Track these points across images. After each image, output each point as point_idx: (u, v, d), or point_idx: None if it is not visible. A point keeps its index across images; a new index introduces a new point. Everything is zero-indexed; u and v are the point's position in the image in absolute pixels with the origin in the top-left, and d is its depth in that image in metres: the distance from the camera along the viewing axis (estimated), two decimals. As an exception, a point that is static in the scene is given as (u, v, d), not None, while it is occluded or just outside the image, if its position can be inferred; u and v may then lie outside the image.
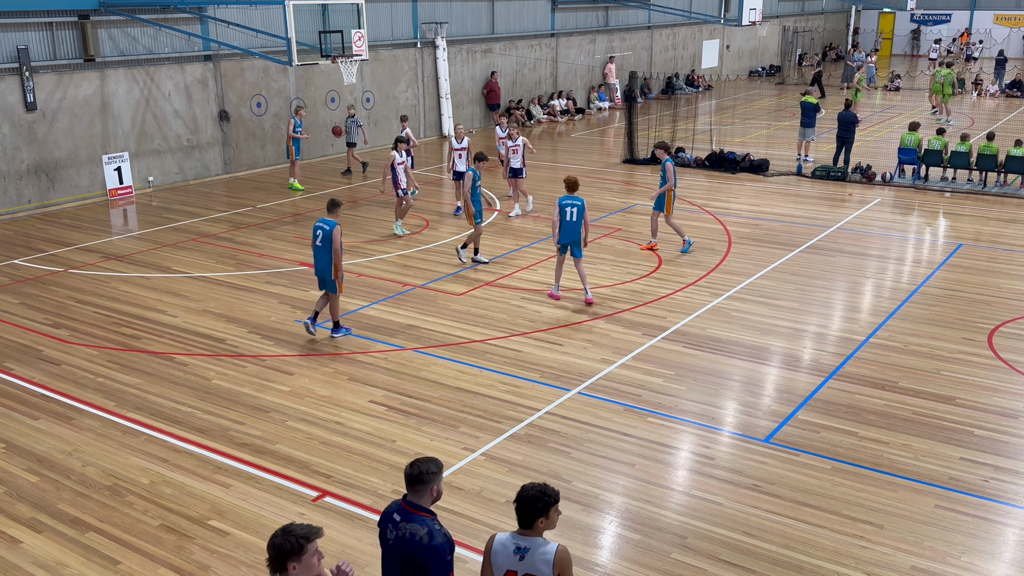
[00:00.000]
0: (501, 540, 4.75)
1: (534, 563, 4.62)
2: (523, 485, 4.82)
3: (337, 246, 10.86)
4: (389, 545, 4.74)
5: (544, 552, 4.64)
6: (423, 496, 4.70)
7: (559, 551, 4.66)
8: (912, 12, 50.93)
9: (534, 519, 4.66)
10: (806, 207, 18.30)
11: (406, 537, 4.63)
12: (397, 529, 4.68)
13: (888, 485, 8.00)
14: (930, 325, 11.75)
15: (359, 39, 18.80)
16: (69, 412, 9.61)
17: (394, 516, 4.74)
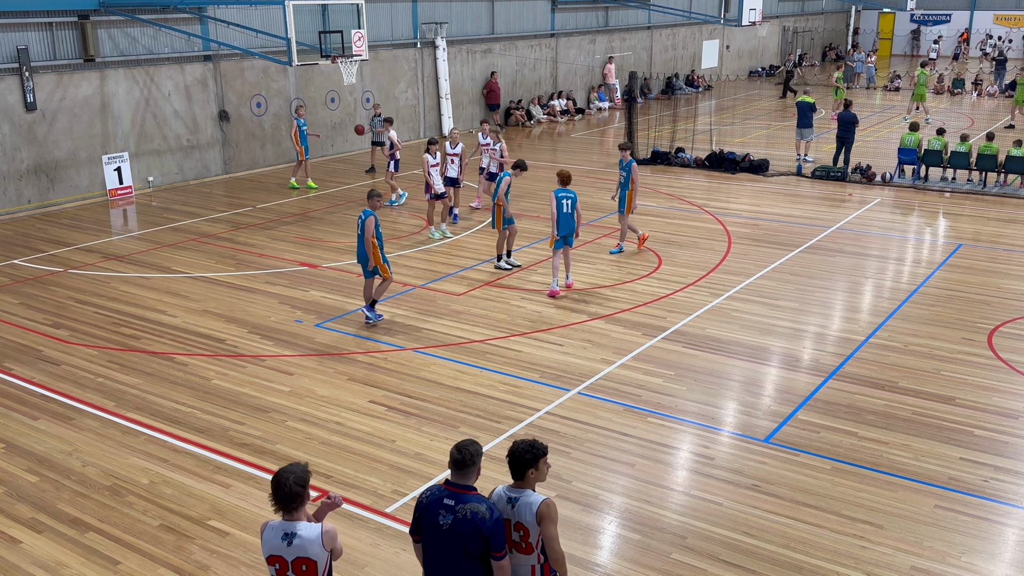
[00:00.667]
0: (498, 492, 5.16)
1: (522, 512, 5.03)
2: (514, 442, 5.15)
3: (370, 235, 11.41)
4: (444, 531, 4.88)
5: (531, 503, 5.02)
6: (471, 477, 4.94)
7: (543, 503, 5.02)
8: (912, 12, 50.93)
9: (525, 471, 5.06)
10: (806, 207, 18.30)
11: (468, 517, 4.83)
12: (454, 512, 4.86)
13: (888, 485, 8.00)
14: (930, 325, 11.76)
15: (359, 39, 18.81)
16: (69, 412, 9.61)
17: (446, 502, 4.90)
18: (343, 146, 24.86)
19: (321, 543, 4.84)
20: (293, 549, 4.85)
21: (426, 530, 5.00)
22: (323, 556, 4.85)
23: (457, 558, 4.89)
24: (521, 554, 5.14)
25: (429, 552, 5.02)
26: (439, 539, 4.93)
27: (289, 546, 4.86)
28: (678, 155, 22.91)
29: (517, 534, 5.09)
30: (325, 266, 14.54)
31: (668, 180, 21.05)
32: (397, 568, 6.92)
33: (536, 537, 5.06)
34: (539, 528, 5.02)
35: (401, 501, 7.79)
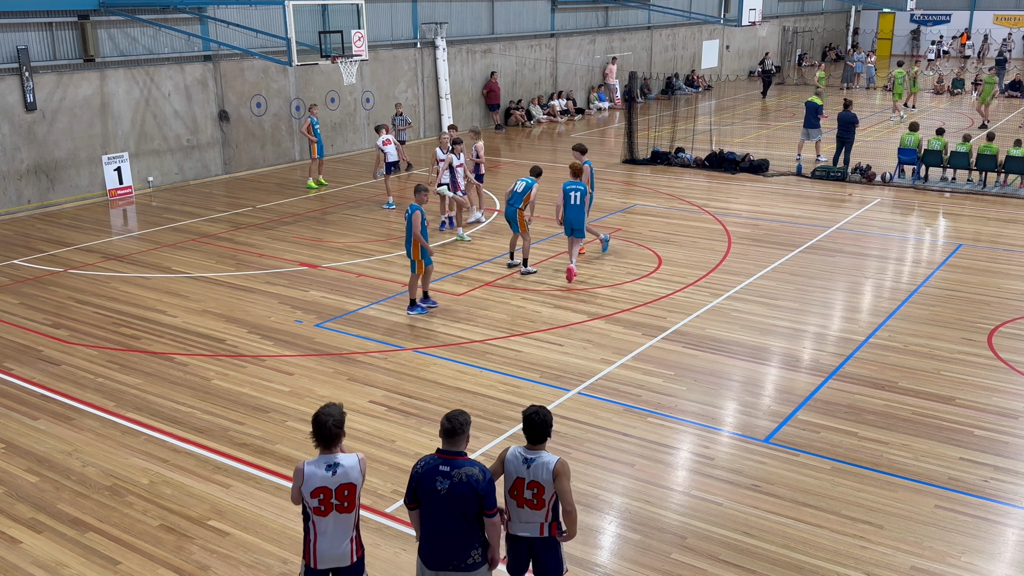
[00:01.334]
0: (513, 452, 5.64)
1: (538, 471, 5.51)
2: (528, 407, 5.64)
3: (415, 230, 11.65)
4: (442, 495, 5.30)
5: (546, 462, 5.51)
6: (461, 444, 5.38)
7: (559, 462, 5.53)
8: (912, 12, 50.94)
9: (544, 437, 5.58)
10: (806, 207, 18.30)
11: (464, 480, 5.27)
12: (450, 478, 5.28)
13: (888, 485, 8.00)
14: (930, 325, 11.75)
15: (359, 39, 18.81)
16: (69, 412, 9.61)
17: (441, 468, 5.31)
18: (343, 146, 24.87)
19: (360, 469, 5.55)
20: (337, 477, 5.46)
21: (424, 497, 5.36)
22: (360, 480, 5.53)
23: (456, 519, 5.31)
24: (533, 510, 5.57)
25: (428, 517, 5.38)
26: (438, 503, 5.31)
27: (334, 475, 5.47)
28: (678, 155, 22.91)
29: (531, 492, 5.52)
30: (325, 266, 14.54)
31: (668, 180, 21.05)
32: (397, 568, 6.92)
33: (550, 494, 5.51)
34: (554, 485, 5.47)
35: (401, 501, 7.78)
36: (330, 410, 5.59)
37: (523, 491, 5.55)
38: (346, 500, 5.47)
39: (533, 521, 5.59)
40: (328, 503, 5.46)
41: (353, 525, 5.59)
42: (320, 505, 5.45)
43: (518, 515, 5.63)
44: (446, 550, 5.40)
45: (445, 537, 5.37)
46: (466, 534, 5.35)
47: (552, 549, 5.68)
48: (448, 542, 5.38)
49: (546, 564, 5.70)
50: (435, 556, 5.44)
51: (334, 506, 5.47)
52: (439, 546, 5.41)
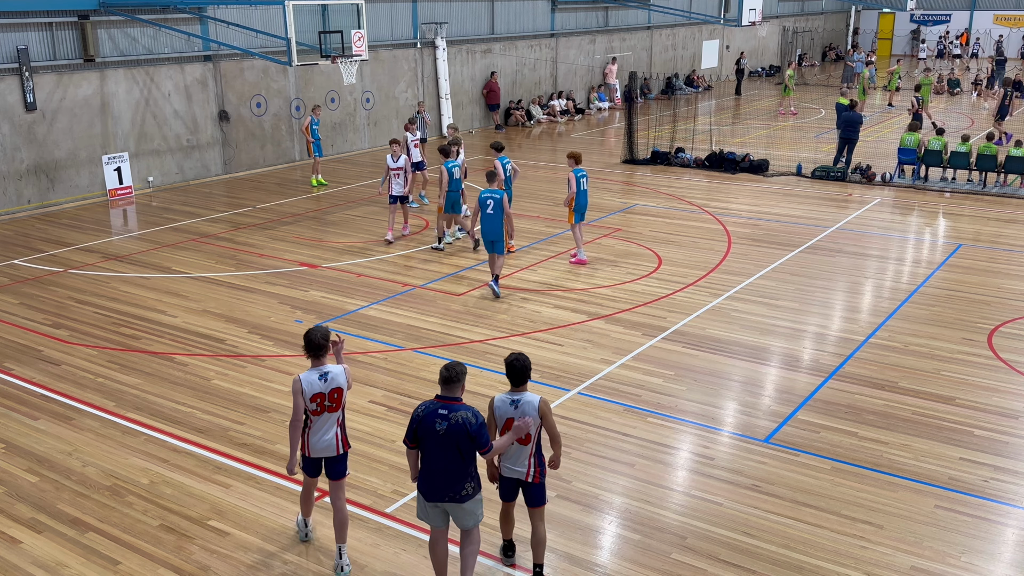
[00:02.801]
0: (500, 398, 6.42)
1: (525, 409, 6.31)
2: (511, 355, 6.38)
3: (509, 209, 12.87)
4: (440, 435, 5.99)
5: (531, 401, 6.35)
6: (457, 391, 6.07)
7: (541, 400, 6.40)
8: (912, 12, 50.95)
9: (525, 380, 6.37)
10: (806, 207, 18.30)
11: (460, 422, 5.96)
12: (448, 420, 5.98)
13: (888, 485, 8.00)
14: (930, 325, 11.76)
15: (359, 39, 18.81)
16: (69, 412, 9.61)
17: (440, 411, 6.01)
18: (343, 146, 24.87)
19: (345, 376, 6.73)
20: (328, 383, 6.64)
21: (424, 437, 6.05)
22: (346, 385, 6.73)
23: (451, 456, 6.03)
24: (522, 445, 6.40)
25: (428, 455, 6.08)
26: (436, 442, 6.02)
27: (325, 382, 6.63)
28: (678, 155, 22.91)
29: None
30: (325, 266, 14.54)
31: (668, 180, 21.05)
32: (397, 568, 6.93)
33: (536, 428, 6.38)
34: (539, 419, 6.35)
35: (401, 501, 7.79)
36: (317, 328, 6.70)
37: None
38: (335, 401, 6.69)
39: (523, 453, 6.42)
40: (323, 405, 6.66)
41: (337, 422, 6.76)
42: (317, 407, 6.64)
43: (509, 451, 6.43)
44: (443, 484, 6.09)
45: (442, 472, 6.06)
46: (460, 469, 6.07)
47: (537, 486, 6.53)
48: (445, 476, 6.07)
49: (532, 496, 6.54)
50: (433, 489, 6.13)
51: (327, 407, 6.68)
52: (437, 480, 6.10)
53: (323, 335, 6.61)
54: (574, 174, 13.90)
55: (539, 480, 6.49)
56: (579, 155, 14.21)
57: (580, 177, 13.95)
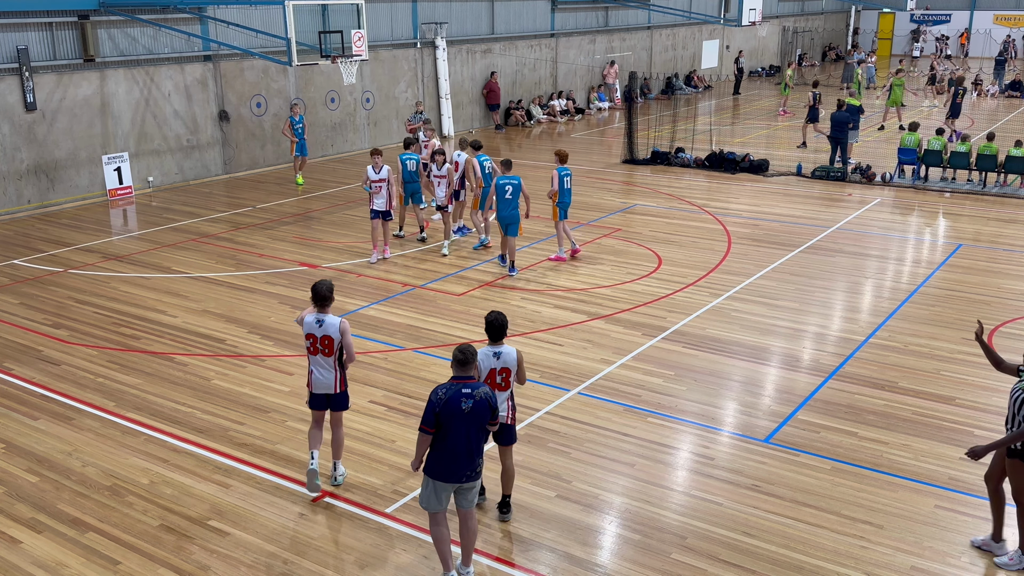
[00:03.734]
0: (483, 352, 7.14)
1: (506, 360, 7.23)
2: (490, 313, 7.22)
3: (526, 195, 13.91)
4: (467, 414, 6.32)
5: (510, 351, 7.28)
6: (472, 371, 6.45)
7: (517, 351, 7.34)
8: (912, 12, 50.93)
9: (503, 335, 7.24)
10: (806, 207, 18.30)
11: (483, 398, 6.38)
12: (472, 398, 6.34)
13: (888, 485, 8.00)
14: (930, 325, 11.75)
15: (359, 39, 18.80)
16: (69, 412, 9.61)
17: (463, 391, 6.33)
18: (343, 146, 24.86)
19: (338, 328, 7.60)
20: (322, 330, 7.62)
21: (449, 418, 6.28)
22: (337, 338, 7.61)
23: (477, 431, 6.40)
24: (501, 392, 7.29)
25: (453, 435, 6.31)
26: (463, 420, 6.32)
27: (320, 327, 7.62)
28: (678, 155, 22.91)
29: (500, 376, 7.25)
30: (325, 266, 14.53)
31: (668, 180, 21.05)
32: (397, 568, 6.92)
33: (513, 376, 7.30)
34: (517, 368, 7.29)
35: (401, 501, 7.79)
36: (323, 281, 7.67)
37: (495, 378, 7.23)
38: (326, 347, 7.64)
39: (502, 398, 7.29)
40: (315, 347, 7.67)
41: (333, 365, 7.71)
42: (310, 347, 7.71)
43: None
44: (466, 463, 6.41)
45: (467, 451, 6.38)
46: (480, 446, 6.49)
47: (511, 427, 7.43)
48: (468, 456, 6.40)
49: (506, 436, 7.42)
50: (455, 470, 6.40)
51: (319, 350, 7.66)
52: (461, 460, 6.39)
53: (328, 288, 7.64)
54: (558, 172, 14.09)
55: (513, 423, 7.42)
56: (565, 154, 14.33)
57: (564, 175, 14.11)
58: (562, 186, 14.11)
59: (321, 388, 7.77)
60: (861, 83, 31.11)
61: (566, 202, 14.28)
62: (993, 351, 7.22)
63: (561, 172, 14.11)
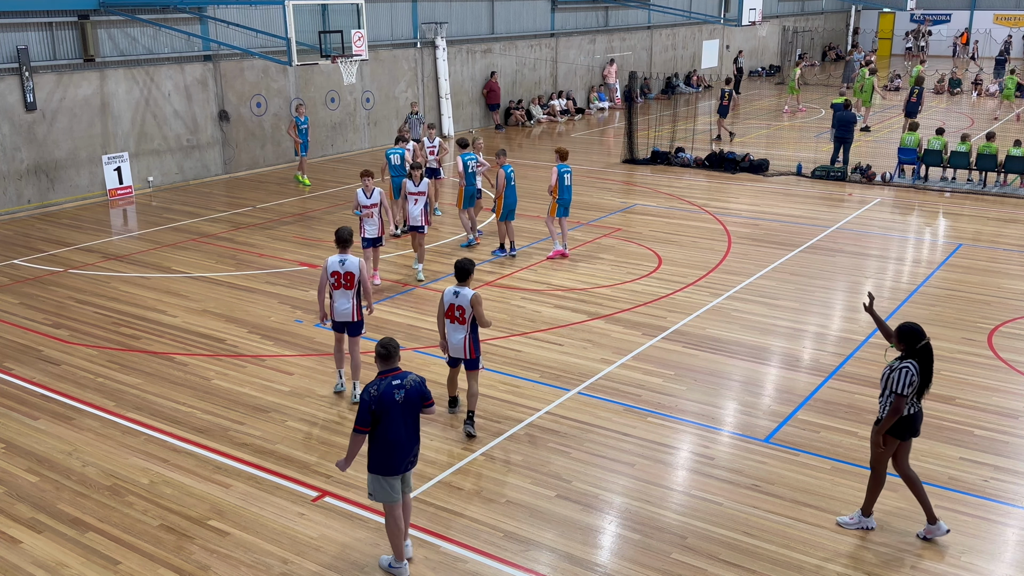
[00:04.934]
0: (447, 291, 8.78)
1: (463, 299, 8.67)
2: (460, 259, 8.78)
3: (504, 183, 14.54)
4: (401, 404, 6.53)
5: (467, 293, 8.68)
6: (396, 362, 6.66)
7: (475, 294, 8.71)
8: (912, 12, 50.93)
9: (467, 278, 8.78)
10: (806, 207, 18.30)
11: (414, 385, 6.62)
12: (403, 388, 6.55)
13: (888, 485, 7.98)
14: (930, 325, 11.71)
15: (359, 39, 18.80)
16: (69, 412, 9.61)
17: (394, 383, 6.53)
18: (343, 146, 24.86)
19: (358, 266, 9.28)
20: (345, 267, 9.29)
21: (384, 413, 6.47)
22: (357, 274, 9.29)
23: (412, 419, 6.63)
24: (459, 324, 8.72)
25: (391, 428, 6.51)
26: (398, 411, 6.53)
27: (343, 265, 9.29)
28: (678, 155, 22.91)
29: (457, 312, 8.68)
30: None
31: (668, 180, 21.05)
32: (397, 568, 6.92)
33: (469, 314, 8.66)
34: (472, 308, 8.61)
35: (401, 501, 7.78)
36: (345, 227, 9.40)
37: (453, 312, 8.70)
38: (348, 282, 9.32)
39: (459, 333, 8.75)
40: (338, 282, 9.35)
41: (352, 297, 9.38)
42: (335, 283, 9.34)
43: (452, 328, 8.78)
44: (407, 452, 6.65)
45: (407, 440, 6.62)
46: (416, 433, 6.72)
47: (473, 360, 8.87)
48: (408, 445, 6.63)
49: (469, 365, 8.88)
50: (398, 462, 6.63)
51: (342, 284, 9.34)
52: (401, 451, 6.60)
53: (348, 232, 9.38)
54: (558, 169, 14.29)
55: (474, 356, 8.85)
56: (565, 151, 14.58)
57: (564, 172, 14.30)
58: (562, 183, 14.29)
59: (341, 316, 9.48)
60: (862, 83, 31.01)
61: (566, 199, 14.45)
62: (885, 324, 7.46)
63: (561, 169, 14.29)
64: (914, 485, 7.22)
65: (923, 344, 6.90)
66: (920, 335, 6.92)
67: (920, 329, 6.96)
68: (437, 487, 8.01)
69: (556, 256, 14.69)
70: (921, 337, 6.92)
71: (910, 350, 6.93)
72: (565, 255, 14.73)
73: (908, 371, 6.83)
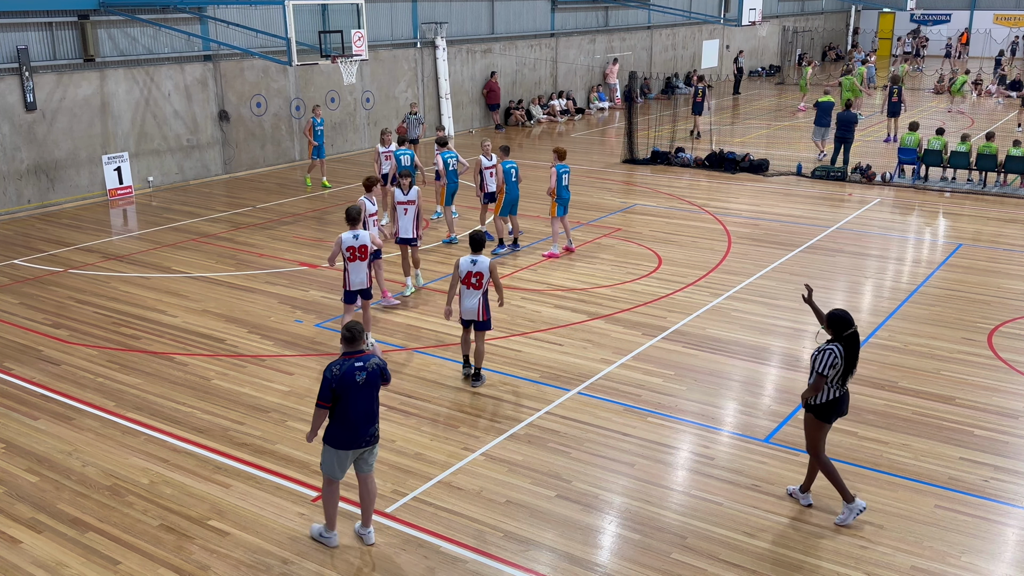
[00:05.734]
0: (464, 260, 9.71)
1: (481, 266, 9.66)
2: (473, 231, 9.72)
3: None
4: (362, 385, 6.83)
5: (485, 260, 9.69)
6: (361, 345, 6.92)
7: (492, 261, 9.77)
8: (912, 12, 50.94)
9: (482, 248, 9.74)
10: (806, 207, 18.30)
11: (374, 368, 6.91)
12: (365, 370, 6.85)
13: (888, 485, 8.00)
14: (930, 325, 11.75)
15: (359, 39, 18.80)
16: (69, 412, 9.61)
17: (356, 365, 6.82)
18: (343, 146, 24.86)
19: (369, 238, 10.55)
20: (358, 241, 10.42)
21: (346, 390, 6.76)
22: (370, 244, 10.51)
23: (372, 399, 6.94)
24: (475, 290, 9.69)
25: (352, 406, 6.81)
26: (359, 391, 6.83)
27: (356, 239, 10.41)
28: (678, 155, 22.91)
29: (475, 278, 9.66)
30: (325, 266, 14.53)
31: (668, 180, 21.05)
32: (397, 568, 6.93)
33: (486, 280, 9.70)
34: (490, 274, 9.68)
35: (401, 501, 7.79)
36: (353, 205, 10.61)
37: (470, 278, 9.65)
38: (363, 253, 10.47)
39: (476, 296, 9.70)
40: (354, 255, 10.43)
41: (367, 267, 10.55)
42: (351, 256, 10.44)
43: (468, 294, 9.70)
44: (366, 429, 6.92)
45: (366, 418, 6.90)
46: (376, 412, 6.99)
47: (484, 322, 9.84)
48: (367, 422, 6.91)
49: (480, 326, 9.87)
50: (356, 436, 6.89)
51: (357, 257, 10.45)
52: (361, 427, 6.88)
53: (357, 210, 10.49)
54: (556, 169, 14.41)
55: (486, 318, 9.82)
56: (563, 151, 14.65)
57: (562, 172, 14.42)
58: (560, 183, 14.39)
59: (357, 285, 10.57)
60: (863, 83, 31.06)
61: (565, 198, 14.56)
62: (820, 311, 7.65)
63: (560, 169, 14.41)
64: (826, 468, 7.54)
65: (850, 332, 7.20)
66: (848, 323, 7.21)
67: (848, 317, 7.25)
68: (437, 487, 8.01)
69: (552, 257, 14.68)
70: (848, 325, 7.21)
71: (837, 336, 7.24)
72: (572, 249, 14.92)
73: (831, 353, 7.14)
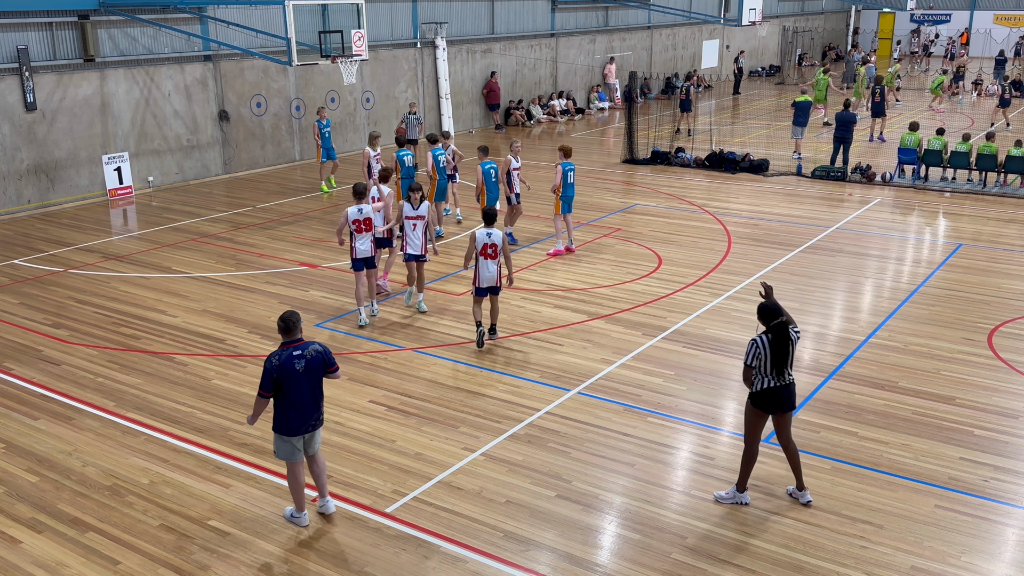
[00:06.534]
0: (481, 232, 10.74)
1: (495, 237, 10.71)
2: (485, 208, 11.14)
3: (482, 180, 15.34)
4: (301, 373, 7.04)
5: (498, 232, 10.73)
6: (299, 334, 7.12)
7: (504, 234, 10.84)
8: (912, 12, 50.93)
9: (494, 222, 10.86)
10: (806, 207, 18.30)
11: (315, 355, 7.12)
12: (304, 358, 7.05)
13: (888, 485, 8.00)
14: (930, 325, 11.75)
15: (359, 39, 18.81)
16: (69, 412, 9.61)
17: (295, 354, 7.03)
18: (343, 146, 24.84)
19: (371, 210, 11.53)
20: (363, 214, 11.47)
21: (287, 380, 7.00)
22: (373, 216, 11.64)
23: (313, 386, 7.15)
24: (492, 260, 10.71)
25: (293, 394, 7.05)
26: (299, 380, 7.05)
27: (361, 213, 11.45)
28: (678, 155, 22.91)
29: (491, 248, 10.66)
30: (325, 266, 14.54)
31: (668, 180, 21.05)
32: (397, 568, 6.93)
33: (500, 250, 10.68)
34: (501, 245, 10.65)
35: (401, 501, 7.79)
36: (359, 183, 11.50)
37: (487, 249, 10.66)
38: (368, 225, 11.48)
39: (494, 266, 10.73)
40: (359, 227, 11.44)
41: (371, 237, 11.57)
42: (356, 228, 11.42)
43: (486, 263, 10.72)
44: (310, 414, 7.18)
45: (310, 404, 7.15)
46: (320, 397, 7.24)
47: (499, 288, 10.92)
48: (311, 407, 7.16)
49: (496, 291, 10.92)
50: (301, 423, 7.16)
51: (362, 228, 11.45)
52: (305, 413, 7.15)
53: (363, 187, 11.46)
54: (562, 167, 14.59)
55: (500, 284, 10.92)
56: (569, 149, 14.92)
57: (567, 170, 14.60)
58: (565, 180, 14.56)
59: (362, 254, 11.49)
60: (862, 83, 31.08)
61: (569, 195, 14.72)
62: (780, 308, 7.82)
63: (565, 167, 14.58)
64: (792, 457, 7.67)
65: (777, 322, 7.44)
66: (774, 313, 7.50)
67: (777, 308, 7.56)
68: (437, 487, 8.01)
69: (556, 255, 14.76)
70: (776, 315, 7.49)
71: (766, 326, 7.49)
72: (572, 250, 14.97)
73: (754, 343, 7.45)
